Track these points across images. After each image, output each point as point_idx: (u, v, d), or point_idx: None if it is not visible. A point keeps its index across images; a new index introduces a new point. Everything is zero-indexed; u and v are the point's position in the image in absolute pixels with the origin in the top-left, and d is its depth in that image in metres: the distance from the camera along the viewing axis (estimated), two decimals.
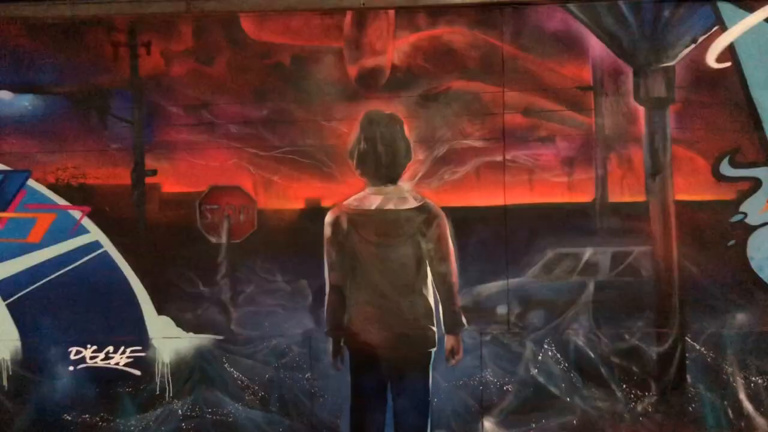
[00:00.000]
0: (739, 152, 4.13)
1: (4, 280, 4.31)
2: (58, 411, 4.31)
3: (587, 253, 4.21)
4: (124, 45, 4.29)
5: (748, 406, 4.13)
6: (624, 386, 4.18)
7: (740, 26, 4.09)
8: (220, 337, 4.27)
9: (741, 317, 4.15)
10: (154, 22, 4.29)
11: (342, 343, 4.21)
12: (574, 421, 4.19)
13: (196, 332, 4.28)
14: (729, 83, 4.12)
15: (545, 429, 4.19)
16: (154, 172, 4.29)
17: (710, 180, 4.16)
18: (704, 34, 4.12)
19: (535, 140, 4.22)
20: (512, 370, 4.22)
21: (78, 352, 4.30)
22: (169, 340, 4.28)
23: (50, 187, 4.32)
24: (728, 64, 4.11)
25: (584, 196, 4.21)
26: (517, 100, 4.20)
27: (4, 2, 4.33)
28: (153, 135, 4.29)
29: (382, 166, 4.17)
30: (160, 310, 4.30)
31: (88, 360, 4.30)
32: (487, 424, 4.21)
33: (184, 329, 4.29)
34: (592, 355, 4.19)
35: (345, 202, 4.22)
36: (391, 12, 4.21)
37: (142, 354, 4.30)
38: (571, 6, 4.15)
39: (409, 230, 4.19)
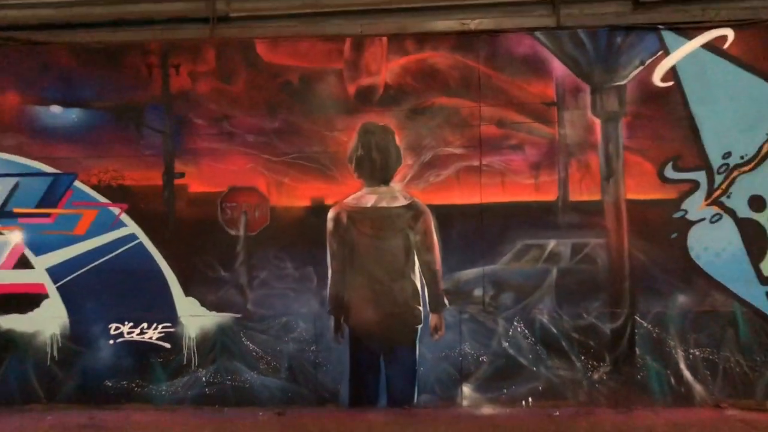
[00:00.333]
0: (680, 158, 4.83)
1: (54, 266, 5.03)
2: (99, 378, 5.03)
3: (551, 244, 4.91)
4: (157, 66, 5.00)
5: (687, 374, 4.83)
6: (582, 358, 4.88)
7: (681, 51, 4.79)
8: (239, 315, 4.98)
9: (682, 299, 4.84)
10: (183, 47, 5.02)
11: (342, 321, 4.94)
12: (540, 387, 4.89)
13: (217, 311, 4.99)
14: (672, 100, 4.82)
15: (515, 394, 4.88)
16: (182, 175, 5.00)
17: (656, 182, 4.85)
18: (650, 58, 4.82)
19: (506, 148, 4.92)
20: (487, 343, 4.91)
21: (117, 328, 5.02)
22: (194, 317, 4.99)
23: (93, 187, 5.05)
24: (671, 83, 4.82)
25: (549, 195, 4.91)
26: (492, 113, 4.91)
27: (55, 29, 5.08)
28: (181, 143, 5.00)
29: (377, 170, 4.89)
30: (187, 292, 5.01)
31: (125, 334, 5.02)
32: (466, 389, 4.91)
33: (207, 308, 5.00)
34: (555, 331, 4.88)
35: (345, 201, 4.94)
36: (384, 39, 4.92)
37: (172, 330, 5.00)
38: (537, 33, 4.87)
39: (400, 225, 4.92)
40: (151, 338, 5.00)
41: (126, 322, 5.01)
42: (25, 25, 5.10)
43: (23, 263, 5.04)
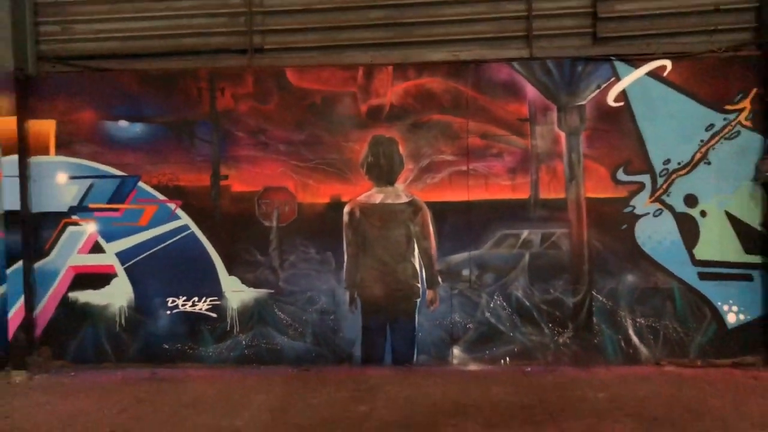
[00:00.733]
0: (629, 164, 5.91)
1: (122, 251, 6.15)
2: (158, 341, 6.14)
3: (524, 233, 6.00)
4: (205, 89, 6.11)
5: (634, 338, 5.92)
6: (550, 325, 5.98)
7: (629, 78, 5.88)
8: (272, 291, 6.09)
9: (630, 278, 5.93)
10: (226, 74, 6.12)
11: (355, 295, 6.06)
12: (515, 349, 5.99)
13: (255, 287, 6.10)
14: (622, 117, 5.90)
15: (495, 354, 5.99)
16: (226, 177, 6.10)
17: (610, 184, 5.93)
18: (605, 83, 5.90)
19: (489, 156, 6.00)
20: (472, 314, 6.02)
21: (173, 301, 6.14)
22: (236, 293, 6.11)
23: (154, 187, 6.14)
24: (621, 103, 5.90)
25: (523, 194, 5.99)
26: (477, 128, 5.99)
27: (122, 59, 6.21)
28: (225, 151, 6.10)
29: (384, 173, 6.01)
30: (230, 272, 6.12)
31: (180, 306, 6.13)
32: (455, 350, 6.02)
33: (246, 285, 6.11)
34: (528, 304, 5.98)
35: (357, 198, 6.05)
36: (390, 67, 6.02)
37: (218, 302, 6.12)
38: (514, 63, 5.96)
39: (402, 218, 6.04)
40: (200, 309, 6.12)
41: (180, 296, 6.13)
42: (97, 55, 6.21)
43: (97, 248, 6.17)
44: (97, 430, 4.53)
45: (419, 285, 6.03)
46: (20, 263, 5.99)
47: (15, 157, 5.96)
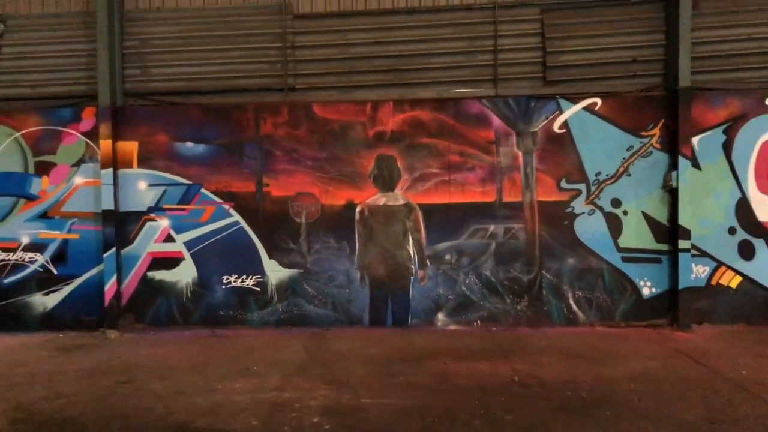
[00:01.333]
0: (570, 176, 7.87)
1: (188, 241, 8.10)
2: (216, 309, 8.10)
3: (491, 227, 7.97)
4: (252, 119, 8.06)
5: (574, 306, 7.88)
6: (510, 296, 7.94)
7: (570, 111, 7.85)
8: (301, 271, 8.04)
9: (571, 261, 7.89)
10: (268, 106, 8.08)
11: (364, 274, 8.03)
12: (484, 314, 7.95)
13: (289, 268, 8.06)
14: (565, 140, 7.87)
15: (469, 318, 7.95)
16: (267, 185, 8.06)
17: (555, 190, 7.89)
18: (551, 115, 7.87)
19: (465, 169, 7.95)
20: (453, 287, 7.98)
21: (227, 279, 8.09)
22: (274, 272, 8.06)
23: (212, 192, 8.10)
24: (564, 130, 7.87)
25: (490, 198, 7.94)
26: (456, 148, 7.94)
27: (187, 95, 8.17)
28: (266, 165, 8.06)
29: (386, 183, 7.98)
30: (270, 257, 8.07)
31: (232, 282, 8.09)
32: (440, 315, 7.99)
33: (283, 267, 8.06)
34: (494, 280, 7.95)
35: (366, 201, 8.02)
36: (390, 103, 7.98)
37: (261, 279, 8.08)
38: (483, 100, 7.94)
39: (400, 216, 8.01)
40: (247, 285, 8.08)
41: (232, 275, 8.09)
42: (168, 92, 8.19)
43: (169, 239, 8.13)
44: (181, 364, 6.49)
45: (412, 266, 8.00)
46: (113, 250, 7.96)
47: (110, 170, 7.94)
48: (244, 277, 8.08)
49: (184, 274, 8.11)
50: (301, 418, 4.80)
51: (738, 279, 7.80)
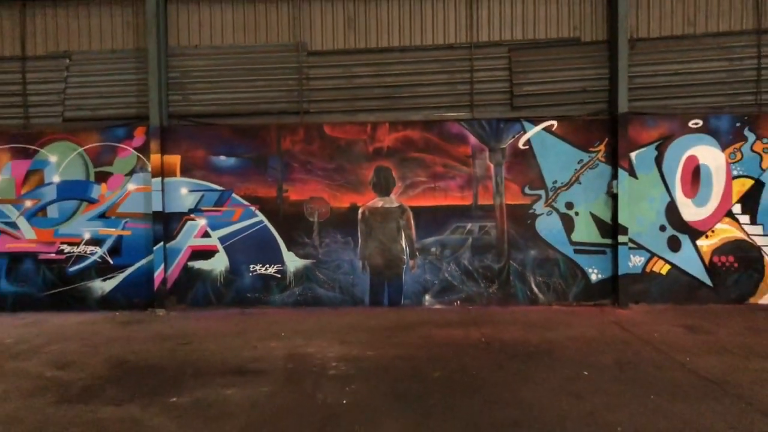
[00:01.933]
0: (532, 184, 9.73)
1: (222, 236, 9.89)
2: (244, 292, 9.91)
3: (469, 225, 9.82)
4: (274, 137, 9.89)
5: (535, 289, 9.74)
6: (484, 281, 9.79)
7: (532, 131, 9.71)
8: (314, 260, 9.87)
9: (533, 252, 9.75)
10: (287, 127, 9.90)
11: (365, 263, 9.87)
12: (463, 296, 9.79)
13: (304, 259, 9.87)
14: (528, 155, 9.73)
15: (450, 299, 9.79)
16: (286, 191, 9.88)
17: (521, 195, 9.74)
18: (517, 134, 9.73)
19: (447, 178, 9.80)
20: (437, 274, 9.83)
21: (253, 267, 9.90)
22: (292, 261, 9.88)
23: (242, 197, 9.91)
24: (527, 147, 9.73)
25: (468, 201, 9.78)
26: (440, 161, 9.79)
27: (220, 117, 9.99)
28: (286, 175, 9.88)
29: (383, 189, 9.83)
30: (288, 249, 9.88)
31: (258, 270, 9.90)
32: (427, 297, 9.83)
33: (299, 258, 9.88)
34: (471, 268, 9.79)
35: (367, 204, 9.85)
36: (387, 124, 9.82)
37: (281, 268, 9.89)
38: (462, 122, 9.79)
39: (394, 216, 9.85)
40: (270, 272, 9.90)
41: (258, 264, 9.90)
42: (205, 114, 10.00)
43: (206, 234, 9.95)
44: (224, 332, 8.30)
45: (405, 257, 9.84)
46: (161, 243, 9.76)
47: (159, 179, 9.74)
48: (268, 266, 9.89)
49: (218, 264, 9.91)
50: (323, 362, 6.64)
51: (667, 267, 9.67)
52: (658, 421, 4.85)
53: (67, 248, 10.00)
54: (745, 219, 9.63)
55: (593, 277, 9.71)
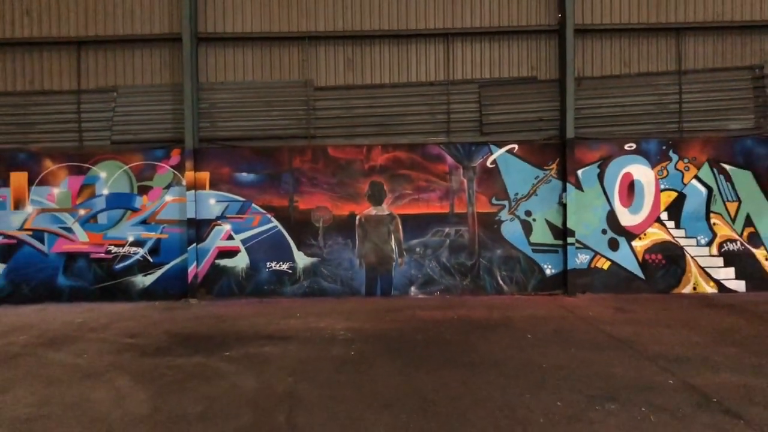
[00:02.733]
0: (498, 195, 11.92)
1: (244, 238, 11.97)
2: (262, 285, 11.98)
3: (446, 229, 11.97)
4: (286, 157, 12.02)
5: (501, 282, 11.92)
6: (459, 275, 11.94)
7: (498, 153, 11.90)
8: (320, 259, 11.98)
9: (498, 251, 11.92)
10: (297, 148, 12.03)
11: (362, 261, 12.00)
12: (442, 287, 11.95)
13: (312, 257, 11.98)
14: (494, 172, 11.92)
15: (432, 290, 11.92)
16: (296, 201, 12.03)
17: (489, 205, 11.93)
18: (485, 155, 11.93)
19: (429, 190, 11.97)
20: (421, 270, 11.97)
21: (269, 264, 11.98)
22: (302, 259, 11.96)
23: (260, 206, 12.00)
24: (494, 165, 11.93)
25: (445, 210, 11.95)
26: (423, 177, 11.96)
27: (241, 140, 12.12)
28: (296, 188, 12.00)
29: (376, 200, 11.98)
30: (298, 249, 11.98)
31: (273, 267, 11.98)
32: (412, 288, 11.97)
33: (307, 256, 11.97)
34: (448, 265, 11.95)
35: (363, 212, 11.99)
36: (379, 146, 11.98)
37: (292, 265, 11.98)
38: (441, 145, 11.97)
39: (386, 222, 12.00)
40: (283, 269, 11.99)
41: (273, 262, 11.99)
42: (229, 138, 12.11)
43: (230, 237, 12.03)
44: (250, 314, 10.39)
45: (394, 256, 11.98)
46: (194, 245, 11.82)
47: (192, 191, 11.82)
48: (281, 263, 11.98)
49: (240, 262, 11.98)
50: (333, 332, 8.76)
51: (608, 263, 11.88)
52: (573, 362, 7.02)
53: (114, 249, 12.02)
54: (671, 224, 11.87)
55: (548, 272, 11.88)
